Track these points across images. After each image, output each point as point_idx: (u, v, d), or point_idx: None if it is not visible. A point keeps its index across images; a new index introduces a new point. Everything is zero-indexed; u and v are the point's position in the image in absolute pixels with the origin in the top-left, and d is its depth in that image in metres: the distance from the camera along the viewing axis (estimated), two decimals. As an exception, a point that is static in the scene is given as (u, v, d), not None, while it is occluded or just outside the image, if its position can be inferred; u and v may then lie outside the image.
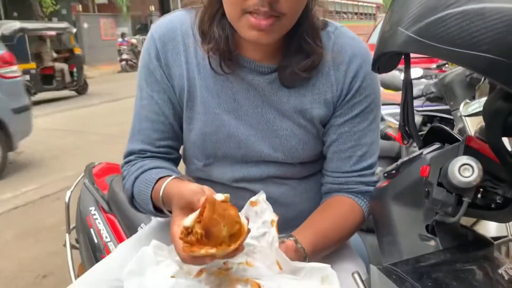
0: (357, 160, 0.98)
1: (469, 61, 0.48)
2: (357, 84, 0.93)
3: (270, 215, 0.82)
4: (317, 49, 0.90)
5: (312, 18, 0.91)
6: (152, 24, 1.02)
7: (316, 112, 0.95)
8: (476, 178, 0.60)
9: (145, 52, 0.98)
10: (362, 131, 0.97)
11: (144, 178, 0.94)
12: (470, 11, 0.46)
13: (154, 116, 0.98)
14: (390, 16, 0.58)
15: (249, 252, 0.80)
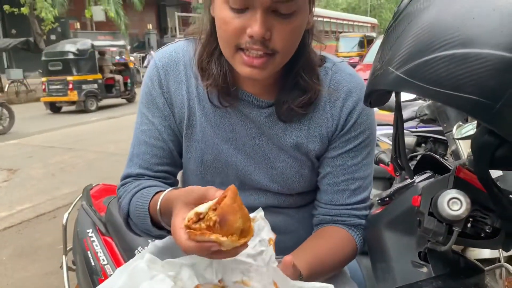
0: (350, 194, 0.99)
1: (455, 101, 0.50)
2: (353, 120, 0.95)
3: (268, 233, 0.82)
4: (314, 85, 0.92)
5: (309, 54, 0.92)
6: (156, 52, 1.05)
7: (311, 146, 0.97)
8: (464, 211, 0.62)
9: (148, 79, 1.01)
10: (356, 165, 0.98)
11: (142, 193, 0.95)
12: (456, 55, 0.49)
13: (153, 141, 1.00)
14: (381, 55, 0.61)
15: (245, 271, 0.79)
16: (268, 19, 0.78)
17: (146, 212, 0.92)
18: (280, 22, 0.79)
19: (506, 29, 0.47)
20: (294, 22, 0.81)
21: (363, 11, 35.87)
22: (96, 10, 18.22)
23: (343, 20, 23.33)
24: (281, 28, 0.80)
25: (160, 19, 25.54)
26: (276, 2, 0.77)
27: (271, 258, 0.78)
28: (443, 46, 0.51)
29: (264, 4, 0.77)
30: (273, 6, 0.77)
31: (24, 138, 8.12)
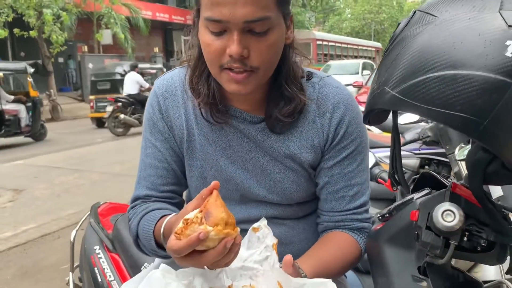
0: (350, 200, 1.04)
1: (446, 119, 0.54)
2: (343, 130, 1.00)
3: (272, 239, 0.87)
4: (297, 95, 0.97)
5: (291, 66, 0.99)
6: (155, 80, 1.12)
7: (305, 156, 1.02)
8: (457, 223, 0.65)
9: (149, 106, 1.08)
10: (352, 172, 1.03)
11: (148, 217, 1.00)
12: (445, 76, 0.54)
13: (158, 163, 1.07)
14: (378, 77, 0.65)
15: (253, 276, 0.85)
16: (244, 39, 0.85)
17: (151, 235, 0.97)
18: (256, 40, 0.86)
19: (491, 53, 0.51)
20: (269, 39, 0.87)
21: (366, 36, 36.33)
22: (104, 34, 18.54)
23: (348, 44, 23.61)
24: (257, 46, 0.86)
25: (166, 43, 25.94)
26: (249, 23, 0.83)
27: (274, 261, 0.84)
28: (434, 68, 0.55)
29: (238, 26, 0.83)
30: (247, 26, 0.84)
31: (29, 159, 8.18)
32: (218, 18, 0.83)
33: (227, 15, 0.82)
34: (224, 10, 0.82)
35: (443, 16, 0.58)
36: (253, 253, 0.87)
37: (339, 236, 1.04)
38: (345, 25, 38.99)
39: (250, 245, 0.89)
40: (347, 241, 1.03)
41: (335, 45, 21.28)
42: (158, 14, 23.21)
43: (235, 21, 0.82)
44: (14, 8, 13.66)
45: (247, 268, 0.84)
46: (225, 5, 0.82)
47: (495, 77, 0.50)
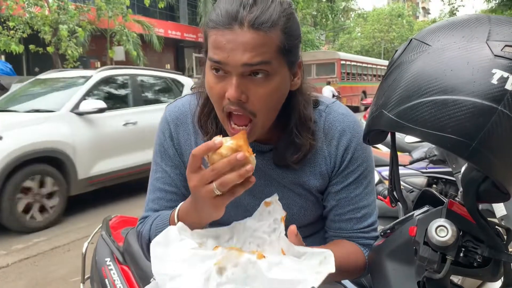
0: (357, 221, 1.06)
1: (438, 140, 0.59)
2: (349, 156, 1.02)
3: (281, 213, 0.93)
4: (308, 142, 0.99)
5: (301, 112, 0.99)
6: (166, 106, 1.15)
7: (313, 183, 1.04)
8: (450, 237, 0.69)
9: (160, 132, 1.11)
10: (358, 196, 1.05)
11: (161, 215, 1.03)
12: (437, 100, 0.58)
13: (167, 187, 1.09)
14: (376, 99, 0.70)
15: (260, 244, 0.92)
16: (243, 83, 0.86)
17: (166, 224, 0.98)
18: (256, 85, 0.86)
19: (478, 80, 0.55)
20: (270, 85, 0.87)
21: (376, 54, 36.47)
22: (117, 50, 18.83)
23: (367, 63, 24.11)
24: (256, 91, 0.87)
25: (178, 60, 26.26)
26: (247, 66, 0.84)
27: (281, 231, 0.90)
28: (427, 93, 0.59)
29: (237, 69, 0.84)
30: (246, 70, 0.85)
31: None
32: (218, 59, 0.85)
33: (226, 58, 0.84)
34: (224, 53, 0.84)
35: (436, 45, 0.62)
36: (263, 224, 0.94)
37: (346, 242, 1.06)
38: (355, 43, 39.21)
39: (261, 218, 0.95)
40: (354, 248, 1.05)
41: (357, 64, 21.62)
42: (170, 31, 23.54)
43: (234, 64, 0.84)
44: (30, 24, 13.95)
45: (256, 237, 0.92)
46: (225, 49, 0.84)
47: (482, 102, 0.55)
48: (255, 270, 0.78)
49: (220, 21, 0.85)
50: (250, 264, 0.78)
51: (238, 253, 0.81)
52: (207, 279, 0.78)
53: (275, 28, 0.85)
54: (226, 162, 0.79)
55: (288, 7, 0.90)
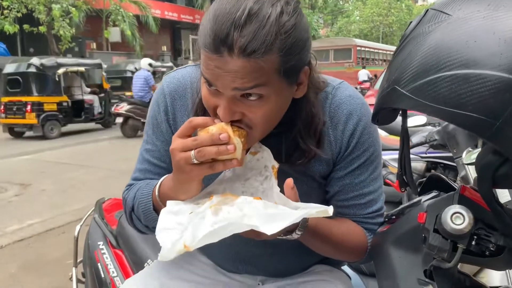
0: (361, 207, 1.00)
1: (457, 119, 0.53)
2: (355, 140, 0.96)
3: (271, 160, 0.89)
4: (313, 148, 0.92)
5: (308, 118, 0.92)
6: (164, 76, 1.06)
7: (317, 169, 0.98)
8: (466, 226, 0.64)
9: (154, 103, 1.04)
10: (363, 182, 0.99)
11: (147, 185, 0.99)
12: (458, 75, 0.52)
13: (155, 161, 1.04)
14: (388, 75, 0.64)
15: (254, 193, 0.88)
16: (236, 104, 0.79)
17: (149, 198, 0.95)
18: (249, 105, 0.79)
19: (505, 52, 0.50)
20: (264, 106, 0.80)
21: (375, 38, 36.19)
22: (112, 31, 18.61)
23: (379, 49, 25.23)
24: (250, 112, 0.80)
25: (174, 41, 25.99)
26: (239, 90, 0.76)
27: (274, 185, 0.86)
28: (446, 67, 0.54)
29: (227, 92, 0.77)
30: (238, 93, 0.77)
31: (37, 154, 8.23)
32: (208, 79, 0.78)
33: (216, 80, 0.77)
34: (214, 75, 0.76)
35: (457, 15, 0.57)
36: (254, 173, 0.90)
37: (350, 221, 1.00)
38: (354, 27, 38.82)
39: (250, 166, 0.91)
40: (357, 228, 1.00)
41: (370, 50, 22.82)
42: (166, 12, 23.26)
43: (224, 88, 0.77)
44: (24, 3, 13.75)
45: (248, 186, 0.89)
46: (214, 73, 0.76)
47: (508, 76, 0.49)
48: (251, 208, 0.75)
49: (208, 44, 0.75)
50: (246, 204, 0.76)
51: (234, 197, 0.80)
52: (202, 218, 0.76)
53: (271, 52, 0.73)
54: (209, 136, 0.78)
55: (292, 12, 0.76)
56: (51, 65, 10.52)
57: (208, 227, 0.72)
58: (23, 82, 10.27)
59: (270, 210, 0.75)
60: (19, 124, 10.52)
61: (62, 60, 11.39)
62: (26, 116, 10.15)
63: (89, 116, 11.51)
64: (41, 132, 10.21)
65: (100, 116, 11.75)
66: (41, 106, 10.22)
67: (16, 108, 10.25)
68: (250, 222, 0.72)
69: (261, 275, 1.13)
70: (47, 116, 10.31)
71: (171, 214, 0.82)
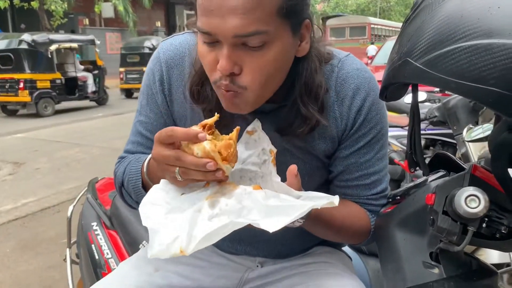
0: (365, 188, 0.96)
1: (476, 94, 0.48)
2: (362, 117, 0.91)
3: (268, 144, 0.84)
4: (314, 116, 0.87)
5: (308, 82, 0.86)
6: (160, 42, 1.00)
7: (321, 147, 0.93)
8: (482, 209, 0.60)
9: (150, 72, 0.98)
10: (369, 161, 0.94)
11: (137, 159, 0.95)
12: (479, 46, 0.47)
13: (148, 134, 1.00)
14: (398, 47, 0.59)
15: (252, 178, 0.84)
16: (236, 53, 0.75)
17: (138, 173, 0.92)
18: (250, 55, 0.75)
19: (534, 19, 0.45)
20: (266, 55, 0.75)
21: (372, 13, 35.74)
22: (105, 7, 18.26)
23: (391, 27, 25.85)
24: (251, 62, 0.76)
25: (168, 17, 25.58)
26: (240, 37, 0.72)
27: (273, 172, 0.81)
28: (465, 37, 0.49)
29: (228, 40, 0.73)
30: (239, 40, 0.73)
31: (31, 132, 8.15)
32: (207, 30, 0.74)
33: (215, 28, 0.72)
34: (213, 22, 0.72)
35: (477, -22, 0.51)
36: (251, 154, 0.85)
37: (352, 203, 0.97)
38: (351, 2, 38.31)
39: (248, 147, 0.86)
40: (359, 210, 0.96)
41: (383, 27, 23.89)
42: (160, -13, 22.84)
43: (224, 35, 0.73)
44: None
45: (246, 170, 0.83)
46: (213, 16, 0.72)
47: (537, 46, 0.44)
48: (251, 200, 0.70)
49: None
50: (245, 195, 0.71)
51: (232, 186, 0.74)
52: (197, 211, 0.71)
53: None
54: (194, 162, 0.71)
55: None
56: (43, 41, 10.36)
57: (206, 226, 0.67)
58: (15, 59, 10.11)
59: (272, 202, 0.70)
60: (12, 102, 10.40)
61: (54, 36, 11.21)
62: (19, 93, 10.02)
63: (83, 94, 11.40)
64: (35, 110, 10.07)
65: (94, 93, 11.67)
66: (34, 84, 10.10)
67: (8, 85, 10.11)
68: (250, 216, 0.68)
69: (260, 256, 1.10)
70: (41, 94, 10.19)
71: (162, 191, 0.78)
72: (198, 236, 0.66)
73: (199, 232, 0.66)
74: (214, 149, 0.71)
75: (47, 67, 10.47)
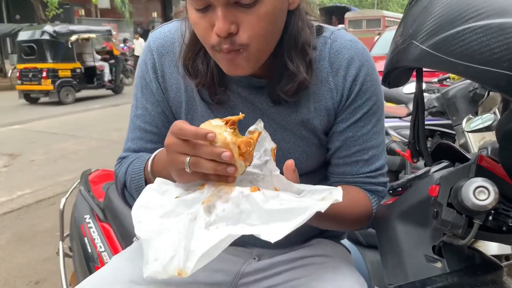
0: (364, 164, 0.95)
1: (488, 78, 0.45)
2: (357, 87, 0.90)
3: (270, 143, 0.81)
4: (301, 72, 0.86)
5: (295, 36, 0.86)
6: (150, 33, 1.00)
7: (318, 121, 0.93)
8: (492, 201, 0.57)
9: (142, 62, 0.98)
10: (366, 135, 0.93)
11: (139, 158, 0.94)
12: (491, 25, 0.44)
13: (147, 127, 0.99)
14: (403, 29, 0.56)
15: (253, 181, 0.81)
16: (231, 13, 0.74)
17: (141, 172, 0.91)
18: (245, 13, 0.75)
19: (553, -5, 0.41)
20: (260, 10, 0.75)
21: (370, 4, 35.58)
22: (101, -3, 18.12)
23: None
24: (246, 19, 0.75)
25: (165, 7, 25.39)
26: None
27: (272, 168, 0.79)
28: (476, 16, 0.45)
29: (219, 1, 0.73)
30: None
31: (26, 124, 8.10)
32: None
33: None
34: None
35: (489, -47, 0.48)
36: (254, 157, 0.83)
37: (352, 187, 0.95)
38: (348, -8, 38.13)
39: None
40: (360, 194, 0.94)
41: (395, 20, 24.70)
42: (157, -23, 22.65)
43: None
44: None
45: (247, 173, 0.79)
46: None
47: (556, 26, 0.41)
48: (249, 204, 0.67)
49: None
50: (243, 198, 0.68)
51: (228, 188, 0.70)
52: (193, 220, 0.68)
53: None
54: (209, 151, 0.68)
55: None
56: (64, 32, 11.07)
57: (203, 239, 0.64)
58: (38, 49, 10.71)
59: (271, 205, 0.66)
60: (35, 91, 10.98)
61: (74, 27, 11.99)
62: (42, 82, 10.62)
63: (101, 83, 12.07)
64: (57, 98, 10.67)
65: (111, 82, 12.29)
66: (56, 73, 10.74)
67: (31, 74, 10.70)
68: (249, 221, 0.65)
69: (258, 246, 1.07)
70: (62, 82, 10.81)
71: (156, 192, 0.76)
72: (196, 253, 0.63)
73: (197, 248, 0.63)
74: (234, 141, 0.69)
75: (67, 57, 11.06)
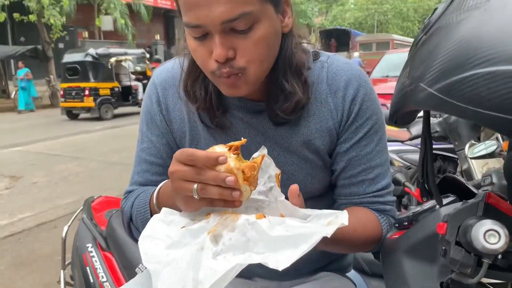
0: (370, 183, 0.95)
1: (496, 123, 0.45)
2: (357, 107, 0.92)
3: (274, 169, 0.81)
4: (298, 91, 0.88)
5: (289, 57, 0.89)
6: (154, 70, 1.05)
7: (320, 142, 0.94)
8: (503, 245, 0.56)
9: (147, 97, 1.02)
10: (370, 154, 0.94)
11: (145, 192, 0.96)
12: (500, 72, 0.44)
13: (153, 159, 1.01)
14: (410, 71, 0.56)
15: (259, 208, 0.81)
16: (228, 39, 0.77)
17: (146, 205, 0.92)
18: (241, 38, 0.78)
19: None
20: (255, 35, 0.78)
21: (370, 27, 36.02)
22: (104, 20, 18.35)
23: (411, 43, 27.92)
24: (243, 44, 0.78)
25: (168, 30, 25.70)
26: (227, 22, 0.75)
27: (277, 193, 0.79)
28: (484, 62, 0.45)
29: (217, 28, 0.75)
30: (227, 26, 0.76)
31: (28, 146, 8.11)
32: (195, 23, 0.76)
33: (203, 19, 0.75)
34: (199, 14, 0.75)
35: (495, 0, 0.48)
36: (258, 184, 0.82)
37: (359, 210, 0.95)
38: (348, 15, 38.59)
39: None
40: (368, 215, 0.94)
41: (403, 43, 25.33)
42: (159, 0, 22.97)
43: (213, 24, 0.75)
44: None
45: (253, 200, 0.80)
46: (199, 8, 0.74)
47: None
48: (255, 232, 0.67)
49: None
50: (249, 226, 0.68)
51: (233, 217, 0.71)
52: (200, 250, 0.67)
53: None
54: (214, 176, 0.68)
55: None
56: (105, 54, 12.34)
57: (211, 269, 0.64)
58: (81, 70, 11.97)
59: (277, 231, 0.66)
60: (77, 107, 12.26)
61: (113, 50, 13.21)
62: (84, 100, 11.91)
63: (135, 100, 13.11)
64: (98, 114, 11.89)
65: None
66: (97, 91, 11.98)
67: (74, 93, 12.01)
68: (257, 250, 0.65)
69: (263, 278, 1.06)
70: (102, 100, 12.03)
71: (162, 222, 0.75)
72: (205, 284, 0.62)
73: (205, 278, 0.63)
74: (238, 167, 0.70)
75: (107, 76, 12.34)
